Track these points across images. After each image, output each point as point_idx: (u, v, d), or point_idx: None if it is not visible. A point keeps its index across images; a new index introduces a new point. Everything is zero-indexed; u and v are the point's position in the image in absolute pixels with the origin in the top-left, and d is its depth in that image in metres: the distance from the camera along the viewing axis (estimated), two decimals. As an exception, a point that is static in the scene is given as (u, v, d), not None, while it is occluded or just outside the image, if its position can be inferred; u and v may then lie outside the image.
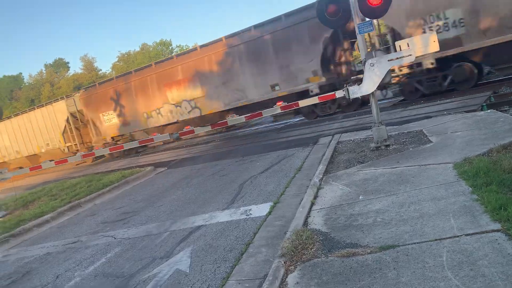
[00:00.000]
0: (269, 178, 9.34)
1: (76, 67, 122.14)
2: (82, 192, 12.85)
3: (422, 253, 4.10)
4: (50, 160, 12.31)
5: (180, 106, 21.10)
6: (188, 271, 5.36)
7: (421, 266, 3.85)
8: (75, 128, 26.09)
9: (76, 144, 26.04)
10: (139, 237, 7.42)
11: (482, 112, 10.21)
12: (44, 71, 73.92)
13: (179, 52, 47.27)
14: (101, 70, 73.13)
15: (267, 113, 11.17)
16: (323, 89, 16.80)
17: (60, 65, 74.58)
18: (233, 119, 11.60)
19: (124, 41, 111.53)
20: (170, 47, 70.66)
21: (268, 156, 12.05)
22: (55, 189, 14.78)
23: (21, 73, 76.23)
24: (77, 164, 26.52)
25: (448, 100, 13.41)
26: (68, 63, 75.54)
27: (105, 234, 8.22)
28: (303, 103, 10.14)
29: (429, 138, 8.83)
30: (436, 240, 4.28)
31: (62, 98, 27.07)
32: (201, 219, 7.53)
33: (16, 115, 30.50)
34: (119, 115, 23.62)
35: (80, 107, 25.93)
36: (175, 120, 21.47)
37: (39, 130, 27.70)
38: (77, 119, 26.29)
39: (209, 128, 11.65)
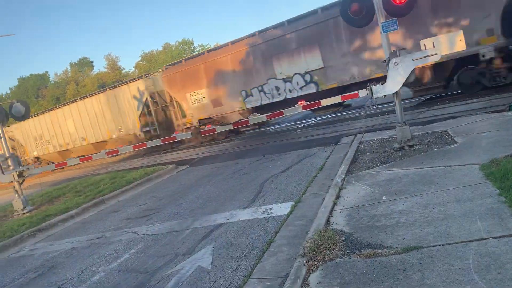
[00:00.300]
0: (290, 177, 9.32)
1: (100, 66, 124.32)
2: (106, 189, 13.09)
3: (447, 255, 4.03)
4: (76, 157, 12.56)
5: (290, 81, 18.24)
6: (210, 268, 5.40)
7: (447, 269, 3.79)
8: (154, 111, 23.77)
9: (155, 128, 23.85)
10: (161, 234, 7.52)
11: (510, 112, 9.95)
12: (69, 70, 75.55)
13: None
14: (124, 69, 74.28)
15: (287, 112, 11.17)
16: (501, 52, 13.62)
17: (85, 64, 76.05)
18: (254, 118, 11.63)
19: (147, 41, 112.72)
20: (192, 46, 71.22)
21: (288, 156, 12.03)
22: (79, 186, 15.10)
23: (47, 72, 77.95)
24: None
25: (474, 100, 13.12)
26: (92, 62, 76.98)
27: (129, 230, 8.35)
28: (325, 102, 10.09)
29: (454, 138, 8.66)
30: (462, 242, 4.20)
31: (140, 78, 24.67)
32: (223, 217, 7.57)
33: (83, 98, 28.05)
34: (210, 95, 20.85)
35: (162, 87, 23.69)
36: (281, 98, 18.63)
37: (110, 114, 25.52)
38: (156, 102, 24.00)
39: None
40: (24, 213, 12.37)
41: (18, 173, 12.66)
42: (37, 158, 32.24)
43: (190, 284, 5.10)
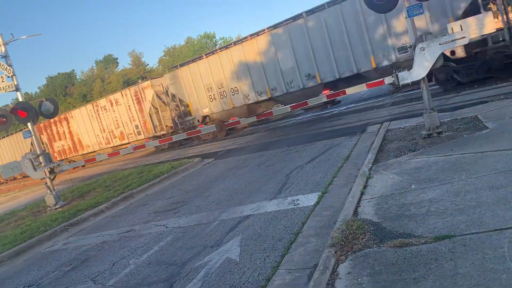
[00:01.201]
0: (316, 168, 9.25)
1: (124, 63, 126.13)
2: (134, 183, 13.33)
3: (481, 243, 3.91)
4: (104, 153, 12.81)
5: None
6: (238, 260, 5.43)
7: (481, 257, 3.68)
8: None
9: None
10: (189, 226, 7.60)
11: (544, 95, 9.58)
12: (95, 67, 76.94)
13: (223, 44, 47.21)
14: (148, 64, 75.09)
15: (312, 102, 11.07)
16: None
17: (110, 61, 77.27)
18: (278, 109, 11.58)
19: (170, 36, 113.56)
20: (214, 40, 71.35)
21: (314, 146, 11.93)
22: (108, 181, 15.43)
23: (73, 70, 79.66)
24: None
25: (505, 84, 12.67)
26: (117, 59, 78.08)
27: (157, 223, 8.48)
28: (349, 91, 9.95)
29: (485, 124, 8.39)
30: (496, 230, 4.07)
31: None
32: (249, 208, 7.59)
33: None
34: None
35: None
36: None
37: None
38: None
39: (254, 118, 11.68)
40: (56, 208, 12.74)
41: (49, 170, 13.03)
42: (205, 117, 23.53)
43: (219, 275, 5.14)
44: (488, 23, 8.44)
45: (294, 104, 11.60)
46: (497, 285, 3.24)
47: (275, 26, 19.27)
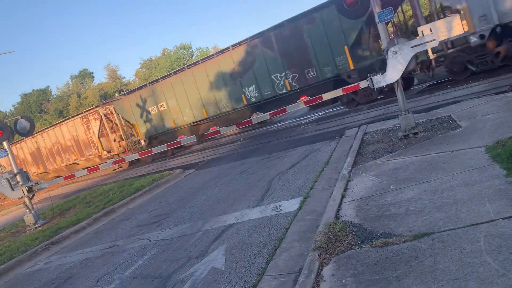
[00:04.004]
0: (297, 173, 9.35)
1: (100, 77, 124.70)
2: (115, 198, 13.17)
3: (458, 239, 4.04)
4: (83, 168, 12.64)
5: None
6: (223, 269, 5.44)
7: (458, 252, 3.80)
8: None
9: None
10: (173, 238, 7.57)
11: (512, 93, 9.91)
12: (71, 83, 75.95)
13: (200, 56, 47.45)
14: (124, 77, 74.55)
15: (291, 108, 11.19)
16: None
17: (85, 75, 76.41)
18: (257, 117, 11.67)
19: (146, 47, 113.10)
20: (191, 50, 71.38)
21: (294, 152, 12.05)
22: (89, 197, 15.20)
23: (48, 86, 78.56)
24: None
25: (476, 83, 13.08)
26: (92, 73, 77.35)
27: (140, 237, 8.41)
28: (326, 96, 10.10)
29: (458, 123, 8.65)
30: (472, 225, 4.21)
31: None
32: (233, 217, 7.61)
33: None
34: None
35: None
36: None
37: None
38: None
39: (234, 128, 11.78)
40: (36, 228, 12.46)
41: (27, 188, 12.77)
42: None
43: (205, 285, 5.14)
44: (456, 26, 8.73)
45: (273, 111, 11.71)
46: (475, 278, 3.36)
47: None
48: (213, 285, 5.07)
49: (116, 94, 26.46)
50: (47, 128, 30.88)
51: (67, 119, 29.34)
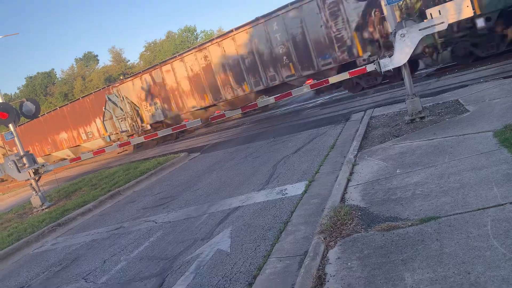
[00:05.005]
0: (302, 157, 9.33)
1: (105, 60, 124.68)
2: (121, 181, 13.24)
3: (465, 223, 4.03)
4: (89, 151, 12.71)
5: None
6: (229, 251, 5.47)
7: (465, 236, 3.79)
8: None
9: None
10: (179, 221, 7.61)
11: (521, 77, 9.78)
12: (75, 66, 75.81)
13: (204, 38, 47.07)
14: (129, 60, 74.32)
15: (296, 92, 11.12)
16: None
17: (90, 58, 76.21)
18: (262, 101, 11.62)
19: (150, 31, 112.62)
20: (195, 33, 70.86)
21: (299, 136, 12.01)
22: (94, 179, 15.29)
23: (53, 69, 78.58)
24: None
25: (484, 67, 12.90)
26: (97, 56, 77.15)
27: (146, 219, 8.47)
28: (332, 79, 10.02)
29: (466, 107, 8.56)
30: (479, 209, 4.19)
31: None
32: (238, 200, 7.63)
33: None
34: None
35: None
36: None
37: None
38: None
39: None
40: (43, 209, 12.59)
41: (33, 171, 12.85)
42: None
43: (211, 267, 5.18)
44: (466, 8, 8.55)
45: (278, 94, 11.66)
46: (482, 262, 3.35)
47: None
48: (219, 267, 5.11)
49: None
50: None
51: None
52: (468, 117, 7.78)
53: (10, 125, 12.86)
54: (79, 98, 29.81)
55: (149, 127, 23.81)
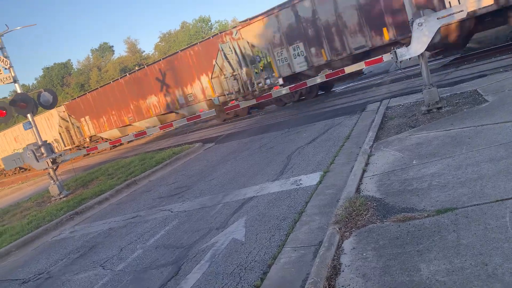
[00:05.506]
0: (317, 148, 9.30)
1: (120, 50, 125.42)
2: (136, 170, 13.40)
3: (483, 214, 3.98)
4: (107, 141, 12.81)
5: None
6: (244, 240, 5.51)
7: (483, 228, 3.75)
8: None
9: None
10: (194, 210, 7.68)
11: (543, 67, 9.55)
12: (91, 56, 76.52)
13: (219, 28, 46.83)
14: (144, 51, 74.67)
15: (311, 82, 11.05)
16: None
17: (105, 49, 76.79)
18: (277, 91, 11.58)
19: (165, 21, 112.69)
20: (210, 23, 70.75)
21: (314, 126, 11.96)
22: (111, 169, 15.50)
23: (69, 60, 79.41)
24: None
25: (504, 56, 12.62)
26: (112, 47, 77.77)
27: (162, 208, 8.57)
28: (349, 69, 9.93)
29: (485, 97, 8.40)
30: (497, 201, 4.13)
31: None
32: (252, 190, 7.66)
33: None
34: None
35: None
36: None
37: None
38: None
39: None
40: (61, 198, 12.84)
41: (51, 160, 13.08)
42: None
43: (226, 255, 5.23)
44: (486, -4, 8.38)
45: (293, 85, 11.60)
46: (500, 254, 3.31)
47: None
48: (233, 256, 5.15)
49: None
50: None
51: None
52: (487, 108, 7.64)
53: (29, 115, 13.07)
54: (177, 52, 23.20)
55: (280, 81, 18.12)
